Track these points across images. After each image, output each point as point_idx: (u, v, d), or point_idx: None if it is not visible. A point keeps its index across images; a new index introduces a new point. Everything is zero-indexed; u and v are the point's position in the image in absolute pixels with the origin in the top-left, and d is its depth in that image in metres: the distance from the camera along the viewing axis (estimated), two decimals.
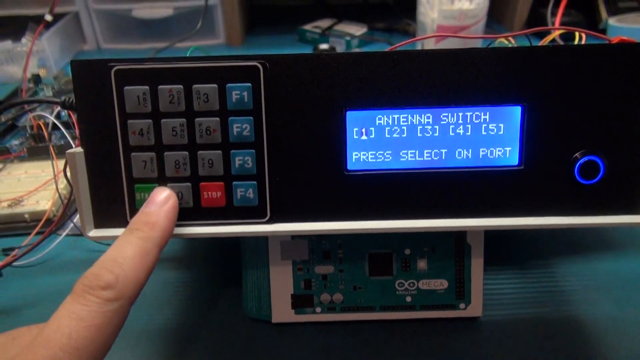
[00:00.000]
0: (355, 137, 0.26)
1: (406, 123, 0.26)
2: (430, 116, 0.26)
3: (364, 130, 0.26)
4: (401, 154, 0.26)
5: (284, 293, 0.30)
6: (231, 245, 0.37)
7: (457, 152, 0.26)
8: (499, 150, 0.26)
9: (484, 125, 0.26)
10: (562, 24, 0.74)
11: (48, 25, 0.71)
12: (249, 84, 0.25)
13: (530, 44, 0.33)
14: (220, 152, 0.26)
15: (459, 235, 0.30)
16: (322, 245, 0.30)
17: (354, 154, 0.26)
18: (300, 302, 0.30)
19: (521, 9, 0.78)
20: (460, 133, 0.26)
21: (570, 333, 0.30)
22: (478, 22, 0.67)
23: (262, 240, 0.30)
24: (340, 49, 0.73)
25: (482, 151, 0.26)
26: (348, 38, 0.75)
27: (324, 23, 0.80)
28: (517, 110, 0.25)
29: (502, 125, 0.26)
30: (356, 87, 0.25)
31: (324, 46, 0.67)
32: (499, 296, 0.32)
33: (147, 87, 0.25)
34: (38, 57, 0.70)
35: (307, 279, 0.30)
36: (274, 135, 0.26)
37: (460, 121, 0.26)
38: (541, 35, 0.40)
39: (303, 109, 0.25)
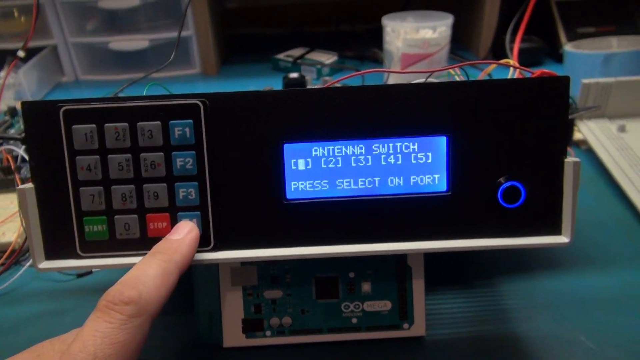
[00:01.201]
0: (293, 167, 0.28)
1: (340, 154, 0.28)
2: (363, 147, 0.28)
3: (301, 161, 0.28)
4: (337, 182, 0.28)
5: (235, 318, 0.32)
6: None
7: (389, 180, 0.28)
8: (428, 178, 0.28)
9: (413, 155, 0.28)
10: (523, 50, 0.77)
11: (26, 58, 0.73)
12: (191, 121, 0.27)
13: (466, 76, 0.35)
14: (165, 184, 0.27)
15: (400, 258, 0.31)
16: (270, 271, 0.31)
17: (292, 183, 0.28)
18: (250, 326, 0.32)
19: (485, 36, 0.81)
20: (391, 162, 0.28)
21: (510, 350, 0.31)
22: (441, 50, 0.69)
23: (212, 267, 0.32)
24: (311, 76, 0.75)
25: (413, 179, 0.28)
26: (319, 66, 0.78)
27: (297, 52, 0.83)
28: (442, 140, 0.27)
29: (429, 154, 0.28)
30: (292, 122, 0.27)
31: (293, 75, 0.69)
32: (443, 315, 0.34)
33: (94, 126, 0.26)
34: (15, 90, 0.72)
35: (257, 304, 0.31)
36: (215, 168, 0.27)
37: (391, 151, 0.28)
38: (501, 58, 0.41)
39: (243, 143, 0.27)
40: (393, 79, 0.71)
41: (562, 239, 0.27)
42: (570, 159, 0.26)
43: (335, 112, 0.27)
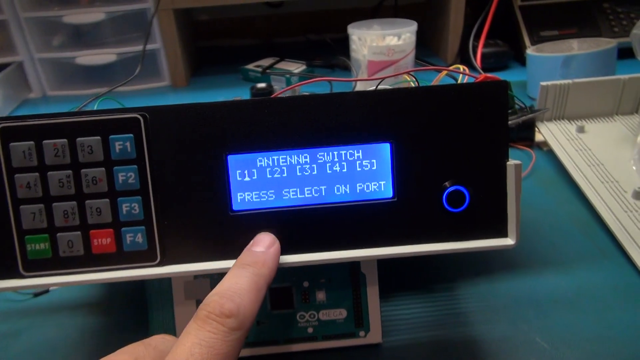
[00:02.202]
0: (238, 179, 0.27)
1: (285, 163, 0.28)
2: (308, 156, 0.28)
3: (246, 172, 0.27)
4: (283, 192, 0.28)
5: None
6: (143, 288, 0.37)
7: (335, 188, 0.28)
8: (374, 185, 0.28)
9: (358, 162, 0.28)
10: (489, 54, 0.78)
11: None
12: (131, 135, 0.26)
13: (416, 82, 0.35)
14: (107, 200, 0.27)
15: (353, 265, 0.31)
16: None
17: (238, 194, 0.28)
18: None
19: (452, 41, 0.82)
20: (337, 170, 0.28)
21: (467, 354, 0.31)
22: (406, 56, 0.70)
23: (165, 281, 0.31)
24: (280, 86, 0.75)
25: (359, 186, 0.28)
26: (288, 76, 0.78)
27: (266, 62, 0.83)
28: (386, 147, 0.27)
29: (374, 161, 0.28)
30: (234, 133, 0.27)
31: (261, 85, 0.70)
32: (400, 321, 0.33)
33: (32, 142, 0.26)
34: None
35: None
36: (159, 182, 0.27)
37: (336, 159, 0.28)
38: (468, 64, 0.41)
39: (186, 156, 0.27)
40: (361, 86, 0.71)
41: (508, 241, 0.27)
42: (512, 161, 0.27)
43: (279, 122, 0.27)
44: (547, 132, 0.53)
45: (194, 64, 0.92)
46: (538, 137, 0.56)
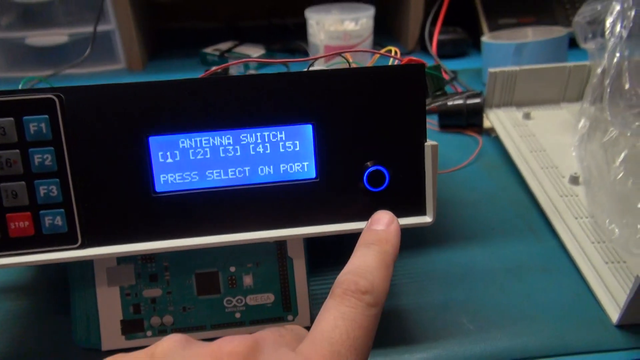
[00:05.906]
0: (160, 160, 0.27)
1: (208, 145, 0.27)
2: (231, 137, 0.27)
3: (168, 153, 0.27)
4: (207, 173, 0.28)
5: (113, 319, 0.31)
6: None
7: (259, 169, 0.28)
8: (297, 165, 0.28)
9: (281, 143, 0.28)
10: (447, 41, 0.78)
11: None
12: (46, 116, 0.26)
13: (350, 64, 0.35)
14: (23, 182, 0.26)
15: (280, 249, 0.31)
16: (148, 269, 0.31)
17: (161, 176, 0.27)
18: (130, 327, 0.31)
19: (412, 27, 0.82)
20: (260, 151, 0.28)
21: (394, 322, 0.32)
22: (363, 41, 0.70)
23: (88, 267, 0.31)
24: (237, 70, 0.74)
25: (283, 167, 0.28)
26: (245, 61, 0.77)
27: (225, 45, 0.82)
28: (308, 128, 0.27)
29: (297, 142, 0.28)
30: (156, 114, 0.26)
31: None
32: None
33: None
34: None
35: (136, 304, 0.31)
36: (78, 164, 0.26)
37: (259, 140, 0.27)
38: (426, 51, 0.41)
39: (105, 137, 0.26)
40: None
41: (426, 219, 0.28)
42: (429, 142, 0.27)
43: (201, 103, 0.27)
44: (494, 118, 0.54)
45: (152, 47, 0.90)
46: (487, 124, 0.56)
